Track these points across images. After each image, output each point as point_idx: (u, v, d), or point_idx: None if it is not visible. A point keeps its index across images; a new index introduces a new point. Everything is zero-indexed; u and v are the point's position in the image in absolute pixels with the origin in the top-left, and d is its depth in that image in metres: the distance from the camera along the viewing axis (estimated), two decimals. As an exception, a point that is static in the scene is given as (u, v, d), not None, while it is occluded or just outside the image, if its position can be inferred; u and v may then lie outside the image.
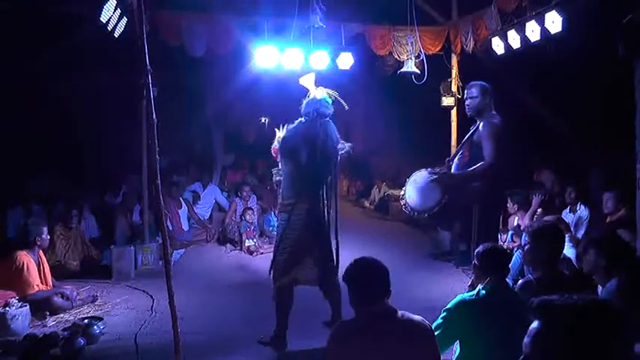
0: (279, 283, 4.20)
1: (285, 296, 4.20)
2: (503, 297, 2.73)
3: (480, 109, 4.30)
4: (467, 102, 4.49)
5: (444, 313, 2.72)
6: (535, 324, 1.37)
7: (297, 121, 4.33)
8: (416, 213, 4.29)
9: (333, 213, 4.37)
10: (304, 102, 4.36)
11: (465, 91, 4.65)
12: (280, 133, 4.40)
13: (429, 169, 4.44)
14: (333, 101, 4.42)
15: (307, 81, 4.52)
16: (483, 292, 2.74)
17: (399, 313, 2.33)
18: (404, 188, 4.51)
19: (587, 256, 3.35)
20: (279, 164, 4.40)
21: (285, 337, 4.19)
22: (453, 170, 4.41)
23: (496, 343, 2.51)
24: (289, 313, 4.21)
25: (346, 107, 4.52)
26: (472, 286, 3.17)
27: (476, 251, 2.97)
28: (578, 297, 1.37)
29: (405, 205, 4.41)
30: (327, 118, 4.29)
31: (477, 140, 4.20)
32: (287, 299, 4.20)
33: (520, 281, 3.16)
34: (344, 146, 4.35)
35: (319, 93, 4.39)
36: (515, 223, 6.03)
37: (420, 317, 2.38)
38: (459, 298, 2.76)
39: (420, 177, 4.33)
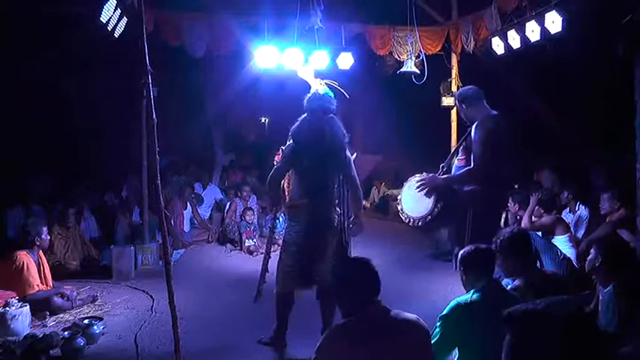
0: (282, 289, 4.10)
1: (286, 299, 4.13)
2: (497, 297, 2.69)
3: (468, 116, 4.24)
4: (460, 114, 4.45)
5: (441, 321, 2.68)
6: (508, 336, 1.36)
7: (300, 118, 4.18)
8: (412, 220, 4.21)
9: (347, 211, 4.22)
10: (306, 97, 4.23)
11: None
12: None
13: (423, 174, 4.40)
14: (335, 94, 4.35)
15: (306, 74, 4.46)
16: (477, 294, 2.70)
17: (393, 312, 2.32)
18: (399, 195, 4.46)
19: (588, 256, 3.36)
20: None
21: (284, 337, 4.17)
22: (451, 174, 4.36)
23: (494, 345, 2.50)
24: (289, 316, 4.17)
25: (347, 96, 4.42)
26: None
27: (459, 256, 2.93)
28: (542, 302, 1.37)
29: (401, 211, 4.36)
30: (332, 114, 4.15)
31: (469, 144, 4.17)
32: (288, 302, 4.14)
33: (507, 288, 3.14)
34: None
35: (321, 87, 4.31)
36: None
37: (415, 315, 2.36)
38: (453, 302, 2.71)
39: (414, 183, 4.29)
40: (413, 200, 4.21)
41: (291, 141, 4.16)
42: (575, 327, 1.30)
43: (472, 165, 3.98)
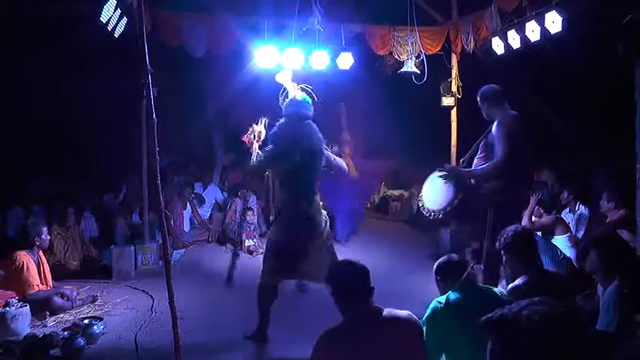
0: (265, 280, 4.26)
1: (268, 293, 4.26)
2: (474, 297, 2.72)
3: (489, 115, 4.30)
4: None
5: (424, 323, 2.68)
6: (489, 343, 1.36)
7: (279, 123, 4.33)
8: (432, 214, 4.26)
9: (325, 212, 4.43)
10: (284, 102, 4.38)
11: None
12: (259, 128, 4.37)
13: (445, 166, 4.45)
14: (311, 101, 4.44)
15: (284, 78, 4.52)
16: (454, 294, 2.73)
17: (385, 311, 2.35)
18: (421, 192, 4.49)
19: (588, 256, 3.36)
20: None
21: (266, 331, 4.28)
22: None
23: (478, 345, 2.50)
24: (271, 309, 4.29)
25: (320, 102, 4.53)
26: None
27: (434, 267, 3.03)
28: (518, 305, 1.34)
29: (422, 206, 4.39)
30: (308, 120, 4.32)
31: (490, 141, 4.21)
32: (270, 296, 4.27)
33: (509, 287, 3.15)
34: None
35: (298, 92, 4.40)
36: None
37: (407, 312, 2.39)
38: (432, 303, 2.75)
39: (435, 177, 4.33)
40: (433, 194, 4.27)
41: (270, 145, 4.29)
42: (552, 330, 1.28)
43: (495, 159, 4.04)
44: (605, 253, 3.23)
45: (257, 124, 4.40)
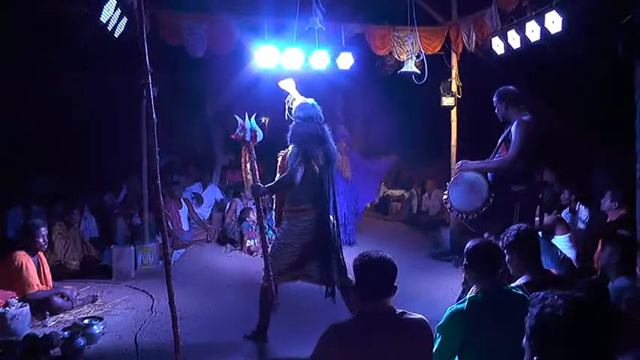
0: (275, 282, 4.23)
1: (270, 294, 4.24)
2: (497, 299, 2.64)
3: (506, 115, 4.31)
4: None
5: (438, 330, 2.65)
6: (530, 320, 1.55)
7: (292, 126, 4.33)
8: (464, 215, 4.24)
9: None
10: (294, 105, 4.42)
11: None
12: (249, 125, 4.26)
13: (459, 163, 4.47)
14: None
15: (288, 85, 4.54)
16: (472, 303, 2.63)
17: (398, 312, 2.32)
18: (446, 192, 4.47)
19: (603, 251, 3.39)
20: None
21: (266, 331, 4.31)
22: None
23: (497, 346, 2.48)
24: (271, 310, 4.29)
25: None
26: (466, 283, 3.15)
27: (465, 249, 2.84)
28: (560, 293, 1.56)
29: (450, 208, 4.37)
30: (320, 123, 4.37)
31: (511, 140, 4.23)
32: (272, 297, 4.25)
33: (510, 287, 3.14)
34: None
35: (305, 99, 4.44)
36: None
37: (419, 315, 2.37)
38: (449, 311, 2.67)
39: (460, 179, 4.32)
40: (462, 195, 4.26)
41: (293, 147, 4.25)
42: (586, 316, 1.49)
43: (507, 154, 4.08)
44: (622, 250, 3.25)
45: (243, 119, 4.26)
